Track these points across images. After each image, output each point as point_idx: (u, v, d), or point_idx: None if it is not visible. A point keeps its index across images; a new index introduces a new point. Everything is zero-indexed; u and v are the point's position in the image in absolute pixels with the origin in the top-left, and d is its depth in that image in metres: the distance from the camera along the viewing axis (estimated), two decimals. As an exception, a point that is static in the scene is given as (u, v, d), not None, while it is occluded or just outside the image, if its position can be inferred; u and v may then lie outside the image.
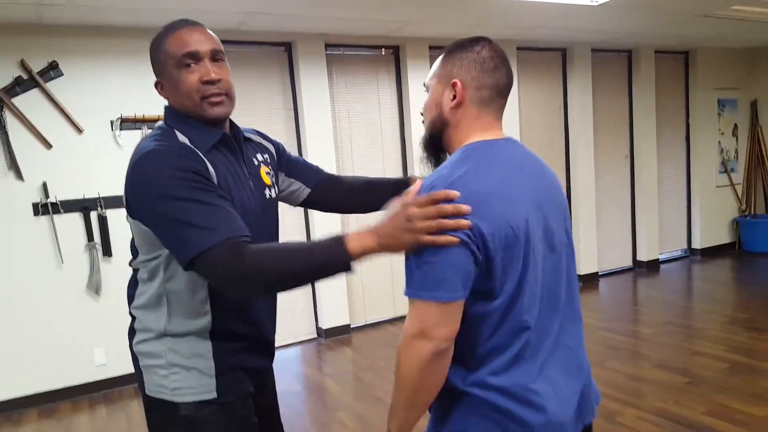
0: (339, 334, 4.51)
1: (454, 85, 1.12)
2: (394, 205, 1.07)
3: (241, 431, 1.31)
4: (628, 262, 6.20)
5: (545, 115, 5.54)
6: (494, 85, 1.13)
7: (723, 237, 6.68)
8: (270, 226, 1.39)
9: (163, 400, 1.26)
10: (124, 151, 3.70)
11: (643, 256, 6.16)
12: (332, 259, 1.08)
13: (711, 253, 6.54)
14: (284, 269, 1.09)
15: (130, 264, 1.34)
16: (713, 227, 6.59)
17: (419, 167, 1.30)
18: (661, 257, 6.34)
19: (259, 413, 1.39)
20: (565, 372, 1.13)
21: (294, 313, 4.47)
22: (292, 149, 4.31)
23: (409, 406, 1.06)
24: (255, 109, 4.22)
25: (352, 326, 4.60)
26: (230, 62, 4.65)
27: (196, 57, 1.21)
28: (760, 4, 4.45)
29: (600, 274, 5.89)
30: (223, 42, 4.60)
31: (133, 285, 1.33)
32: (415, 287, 1.01)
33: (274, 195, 1.41)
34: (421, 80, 4.65)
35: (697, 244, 6.54)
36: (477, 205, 1.01)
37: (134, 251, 1.30)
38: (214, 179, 1.18)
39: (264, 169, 1.39)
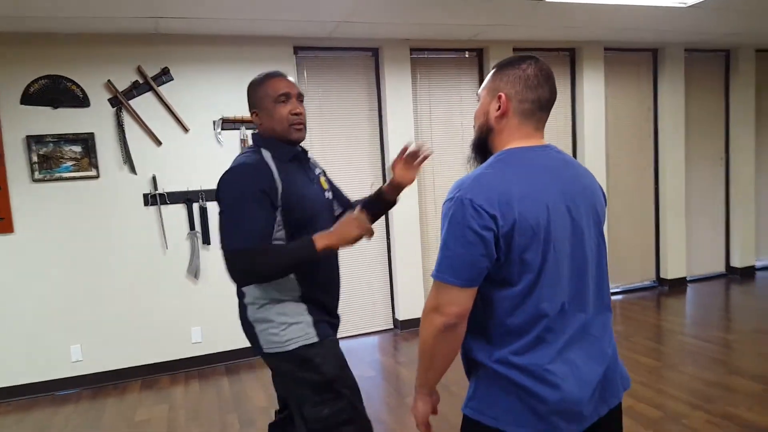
0: (415, 327, 4.68)
1: (499, 97, 1.27)
2: (347, 215, 1.64)
3: (335, 358, 1.78)
4: (720, 268, 5.91)
5: (633, 116, 5.38)
6: (536, 99, 1.26)
7: None
8: (329, 218, 1.87)
9: (277, 352, 1.72)
10: (224, 149, 4.05)
11: (737, 262, 5.84)
12: (306, 254, 1.59)
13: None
14: (275, 268, 1.60)
15: None
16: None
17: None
18: (758, 264, 5.97)
19: None
20: (587, 357, 1.24)
21: (373, 305, 4.69)
22: (374, 148, 4.54)
23: (427, 368, 1.27)
24: (343, 110, 4.45)
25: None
26: (322, 67, 4.94)
27: (288, 96, 1.73)
28: None
29: (689, 279, 5.66)
30: (316, 48, 4.90)
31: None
32: (436, 270, 1.20)
33: (330, 197, 1.93)
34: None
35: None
36: (497, 202, 1.14)
37: None
38: (279, 190, 1.66)
39: (322, 179, 1.93)
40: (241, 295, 1.79)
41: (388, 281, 4.72)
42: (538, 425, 1.19)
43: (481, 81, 4.80)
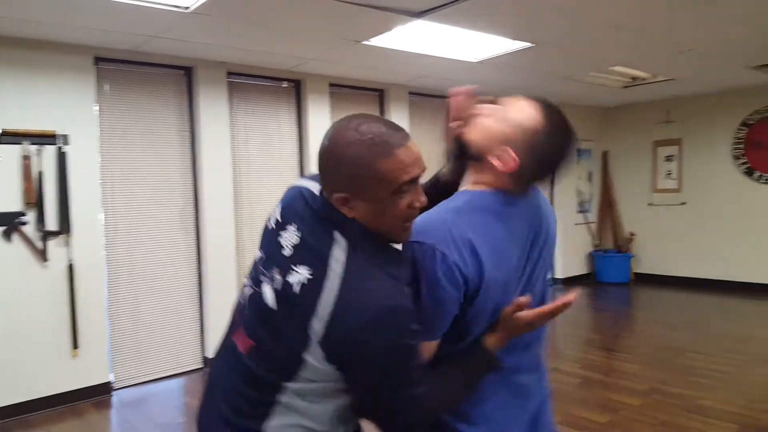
0: (227, 362, 4.44)
1: (511, 157, 1.10)
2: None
3: None
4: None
5: (433, 153, 5.97)
6: (534, 179, 1.18)
7: (580, 268, 7.56)
8: None
9: None
10: (3, 166, 3.46)
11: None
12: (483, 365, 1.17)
13: (571, 282, 7.36)
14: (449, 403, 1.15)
15: (272, 382, 1.09)
16: (572, 260, 7.45)
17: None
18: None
19: None
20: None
21: (179, 343, 4.33)
22: (185, 170, 4.30)
23: None
24: (150, 129, 4.13)
25: (240, 353, 4.54)
26: (128, 81, 4.54)
27: (415, 182, 1.05)
28: (606, 72, 5.26)
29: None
30: (121, 62, 4.48)
31: (264, 404, 1.11)
32: None
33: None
34: (321, 115, 4.87)
35: (559, 274, 7.32)
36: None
37: (288, 372, 1.07)
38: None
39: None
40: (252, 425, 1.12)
41: (198, 315, 4.44)
42: None
43: (299, 112, 4.89)
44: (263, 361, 1.10)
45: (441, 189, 1.34)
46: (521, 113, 1.10)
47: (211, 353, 4.36)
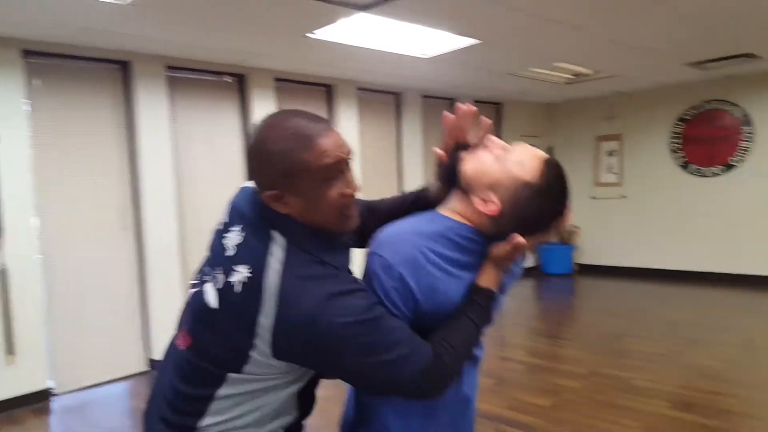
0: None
1: (497, 204, 1.10)
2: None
3: None
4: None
5: (382, 149, 6.02)
6: (511, 229, 1.13)
7: (527, 261, 7.77)
8: None
9: None
10: None
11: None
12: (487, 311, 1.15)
13: (519, 275, 7.55)
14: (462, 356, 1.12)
15: (210, 379, 1.10)
16: (521, 253, 7.64)
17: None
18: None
19: None
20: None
21: (120, 345, 4.20)
22: (123, 166, 4.17)
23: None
24: (82, 127, 3.99)
25: (188, 354, 4.45)
26: (59, 78, 4.38)
27: (342, 167, 1.07)
28: (550, 68, 5.43)
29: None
30: (52, 56, 4.31)
31: (200, 400, 1.11)
32: None
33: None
34: (266, 110, 4.78)
35: (508, 268, 7.50)
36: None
37: (229, 368, 1.07)
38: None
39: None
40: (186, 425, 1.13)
41: (141, 317, 4.31)
42: None
43: (243, 107, 4.82)
44: (201, 358, 1.10)
45: (426, 204, 1.32)
46: (520, 164, 1.09)
47: (156, 355, 4.26)
